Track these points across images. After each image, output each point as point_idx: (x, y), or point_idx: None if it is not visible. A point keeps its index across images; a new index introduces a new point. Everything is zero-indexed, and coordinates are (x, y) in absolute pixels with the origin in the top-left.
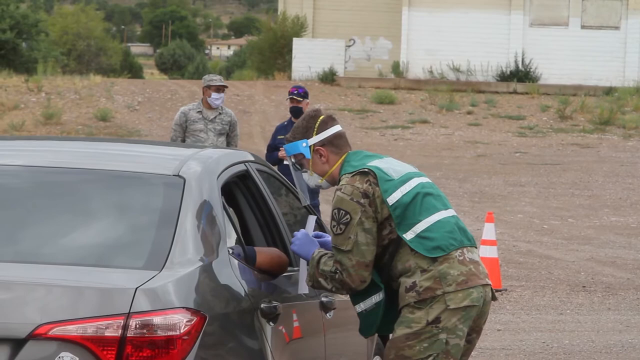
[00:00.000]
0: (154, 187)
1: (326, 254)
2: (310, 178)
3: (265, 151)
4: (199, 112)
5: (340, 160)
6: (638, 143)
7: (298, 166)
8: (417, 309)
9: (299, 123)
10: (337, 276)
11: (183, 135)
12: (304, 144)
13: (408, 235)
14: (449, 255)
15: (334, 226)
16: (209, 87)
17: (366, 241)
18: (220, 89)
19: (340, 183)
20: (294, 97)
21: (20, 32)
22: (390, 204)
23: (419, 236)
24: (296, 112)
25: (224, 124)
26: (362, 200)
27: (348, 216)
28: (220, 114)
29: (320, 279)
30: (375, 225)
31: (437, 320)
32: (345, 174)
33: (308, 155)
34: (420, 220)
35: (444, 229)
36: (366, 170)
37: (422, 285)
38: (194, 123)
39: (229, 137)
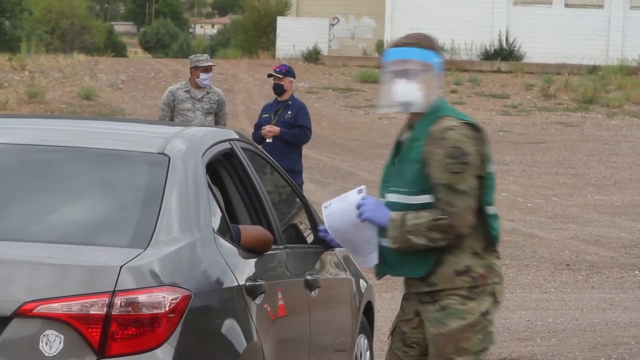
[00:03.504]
0: (139, 165)
1: (406, 212)
2: (410, 90)
3: (253, 129)
4: (186, 91)
5: (436, 97)
6: (622, 122)
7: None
8: (469, 299)
9: (425, 36)
10: (441, 222)
11: (171, 114)
12: (437, 59)
13: (491, 210)
14: (495, 248)
15: (450, 164)
16: (196, 67)
17: (476, 187)
18: (208, 69)
19: (452, 124)
20: (274, 74)
21: (4, 10)
22: (488, 172)
23: (493, 216)
24: (278, 89)
25: (212, 102)
26: (476, 148)
27: (469, 157)
28: (208, 92)
29: (410, 237)
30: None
31: (487, 312)
32: (452, 116)
33: (439, 69)
34: (492, 204)
35: (498, 221)
36: (478, 127)
37: (478, 271)
38: (182, 102)
39: (218, 116)
